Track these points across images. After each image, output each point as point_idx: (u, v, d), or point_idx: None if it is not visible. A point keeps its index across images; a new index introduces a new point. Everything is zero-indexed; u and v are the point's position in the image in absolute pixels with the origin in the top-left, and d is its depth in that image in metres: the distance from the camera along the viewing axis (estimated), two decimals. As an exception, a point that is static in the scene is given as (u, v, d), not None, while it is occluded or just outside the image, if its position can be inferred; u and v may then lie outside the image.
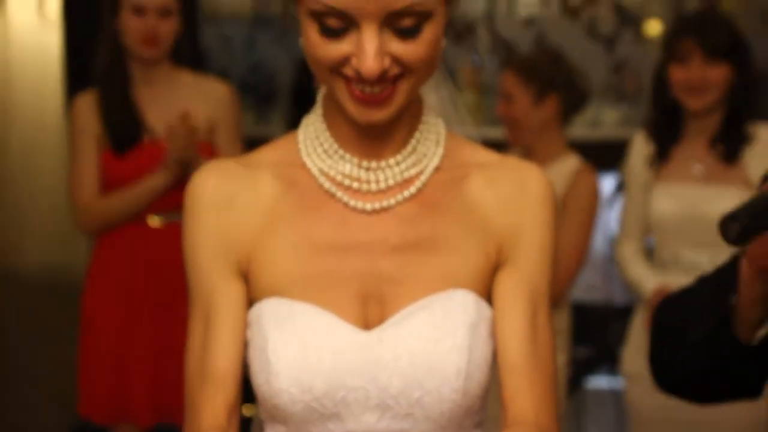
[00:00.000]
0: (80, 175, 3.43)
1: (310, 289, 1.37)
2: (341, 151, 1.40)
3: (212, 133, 3.45)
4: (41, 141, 5.22)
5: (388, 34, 1.30)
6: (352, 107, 1.33)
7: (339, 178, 1.40)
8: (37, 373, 5.12)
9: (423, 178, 1.41)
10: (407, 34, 1.30)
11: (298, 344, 1.34)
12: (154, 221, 3.39)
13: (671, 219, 3.26)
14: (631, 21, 6.32)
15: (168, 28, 3.37)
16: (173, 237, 3.29)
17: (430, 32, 1.31)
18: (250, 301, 1.41)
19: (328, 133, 1.41)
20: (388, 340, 1.35)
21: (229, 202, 1.41)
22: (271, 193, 1.41)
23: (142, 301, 3.40)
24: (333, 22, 1.29)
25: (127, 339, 3.39)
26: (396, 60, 1.31)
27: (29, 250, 5.23)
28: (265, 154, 1.45)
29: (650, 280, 3.28)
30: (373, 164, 1.40)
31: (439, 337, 1.34)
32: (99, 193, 3.40)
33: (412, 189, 1.40)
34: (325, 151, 1.41)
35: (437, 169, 1.42)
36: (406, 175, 1.40)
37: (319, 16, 1.30)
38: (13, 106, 5.21)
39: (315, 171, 1.40)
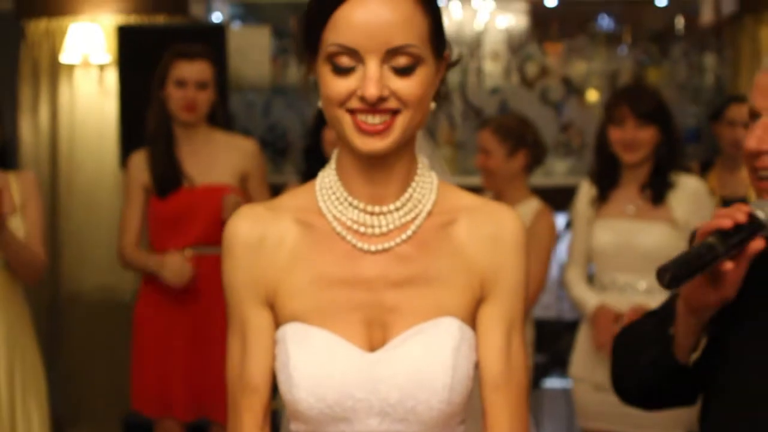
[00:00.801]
0: (126, 220, 3.46)
1: (324, 317, 1.37)
2: (350, 198, 1.39)
3: (243, 181, 3.46)
4: (100, 188, 5.20)
5: (388, 72, 1.30)
6: (356, 138, 1.33)
7: (348, 222, 1.39)
8: (96, 375, 5.11)
9: (418, 221, 1.40)
10: (403, 72, 1.30)
11: (314, 362, 1.35)
12: (189, 253, 3.37)
13: (608, 248, 3.26)
14: (575, 90, 6.35)
15: (204, 98, 3.38)
16: (204, 267, 3.33)
17: (421, 74, 1.32)
18: (277, 324, 1.41)
19: (339, 184, 1.40)
20: (387, 360, 1.35)
21: (258, 244, 1.40)
22: (292, 235, 1.40)
23: (180, 317, 3.39)
24: (343, 61, 1.30)
25: (168, 348, 3.39)
26: (394, 94, 1.31)
27: (89, 276, 5.21)
28: (288, 200, 1.45)
29: (591, 300, 3.27)
30: (377, 209, 1.38)
31: (429, 358, 1.35)
32: (134, 242, 3.43)
33: (409, 232, 1.39)
34: (337, 199, 1.40)
35: (430, 213, 1.40)
36: (404, 220, 1.39)
37: (332, 58, 1.31)
38: (77, 158, 5.22)
39: (329, 216, 1.40)
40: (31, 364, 3.25)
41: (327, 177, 1.43)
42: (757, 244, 1.48)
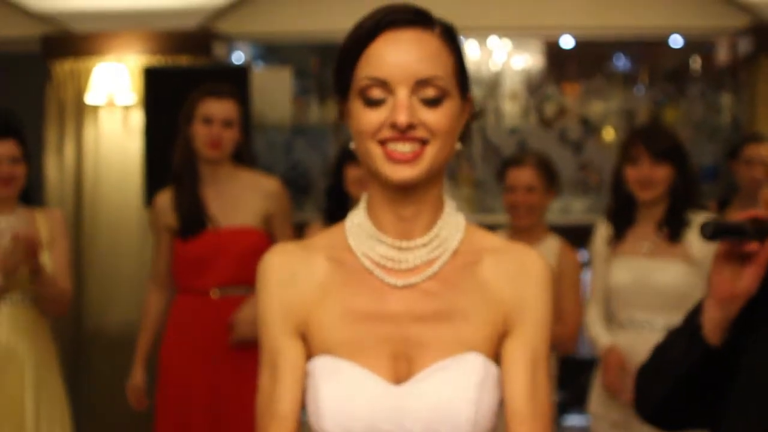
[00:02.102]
0: (154, 260, 3.54)
1: (352, 350, 1.39)
2: (379, 234, 1.43)
3: (267, 221, 3.46)
4: (124, 226, 5.26)
5: (417, 103, 1.36)
6: (387, 168, 1.37)
7: (377, 258, 1.42)
8: (119, 411, 5.10)
9: (444, 258, 1.43)
10: (432, 103, 1.36)
11: (341, 395, 1.38)
12: (215, 294, 3.39)
13: (625, 287, 3.26)
14: (593, 130, 6.38)
15: (230, 136, 3.39)
16: (229, 307, 3.36)
17: (448, 107, 1.37)
18: (308, 356, 1.43)
19: (369, 221, 1.44)
20: (413, 393, 1.37)
21: (291, 279, 1.43)
22: (323, 271, 1.44)
23: (205, 355, 3.38)
24: (374, 93, 1.36)
25: (191, 384, 3.38)
26: (423, 124, 1.36)
27: (114, 312, 5.26)
28: (320, 240, 1.48)
29: (603, 339, 3.29)
30: (404, 244, 1.42)
31: (453, 393, 1.36)
32: (161, 282, 3.49)
33: (435, 268, 1.42)
34: (367, 235, 1.43)
35: (456, 252, 1.43)
36: (431, 256, 1.42)
37: (364, 92, 1.37)
38: (102, 197, 5.28)
39: (358, 253, 1.43)
40: (57, 399, 3.30)
41: (357, 216, 1.47)
42: None
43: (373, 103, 1.37)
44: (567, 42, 5.95)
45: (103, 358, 5.21)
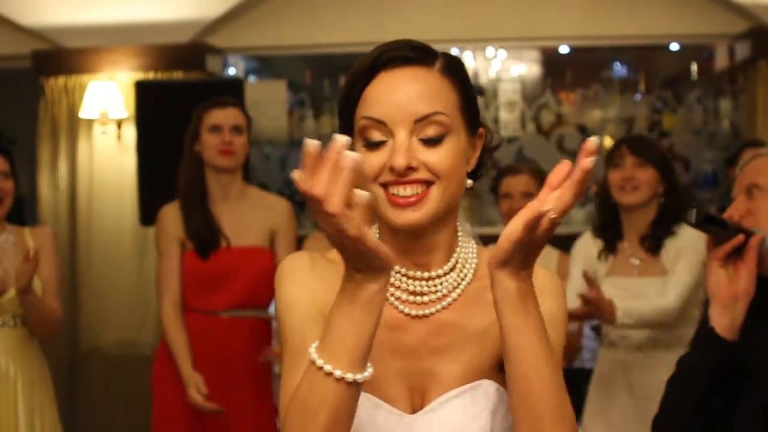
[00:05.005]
0: (164, 276, 3.36)
1: (371, 383, 1.29)
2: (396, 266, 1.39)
3: (273, 238, 3.41)
4: (119, 242, 5.24)
5: (417, 144, 1.31)
6: (390, 212, 1.33)
7: (392, 289, 1.39)
8: (114, 426, 5.10)
9: (459, 290, 1.40)
10: (432, 143, 1.31)
11: (356, 425, 1.32)
12: (225, 314, 3.34)
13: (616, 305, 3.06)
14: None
15: (241, 142, 3.32)
16: (237, 328, 3.32)
17: (451, 145, 1.32)
18: None
19: None
20: (426, 422, 1.35)
21: (315, 272, 1.38)
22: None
23: (212, 373, 3.30)
24: (374, 135, 1.32)
25: (187, 407, 3.30)
26: (424, 165, 1.31)
27: (108, 330, 5.23)
28: (338, 255, 1.42)
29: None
30: (418, 274, 1.39)
31: (467, 420, 1.34)
32: (176, 301, 3.32)
33: (450, 299, 1.39)
34: None
35: (471, 280, 1.41)
36: (447, 288, 1.40)
37: (363, 133, 1.33)
38: (96, 213, 5.26)
39: None
40: (50, 421, 3.26)
41: None
42: (756, 238, 1.82)
43: (373, 145, 1.33)
44: (563, 48, 5.95)
45: (98, 377, 5.18)
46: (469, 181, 1.39)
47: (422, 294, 1.39)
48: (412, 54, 1.35)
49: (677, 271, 3.10)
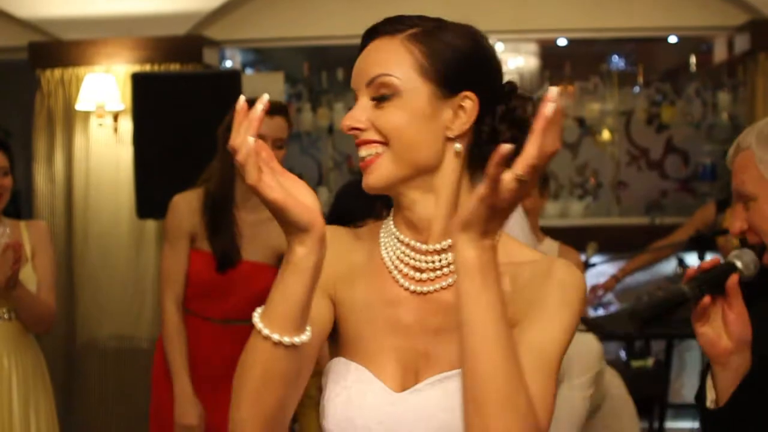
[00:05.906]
0: (169, 270, 3.27)
1: (366, 355, 1.39)
2: (397, 233, 1.42)
3: (281, 256, 3.27)
4: (115, 236, 5.22)
5: (370, 107, 1.36)
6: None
7: (394, 258, 1.42)
8: (112, 423, 5.11)
9: None
10: (378, 100, 1.35)
11: (344, 398, 1.37)
12: (219, 323, 3.29)
13: None
14: (589, 131, 6.39)
15: (279, 156, 3.11)
16: (231, 335, 3.30)
17: (401, 105, 1.34)
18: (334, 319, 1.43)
19: (391, 223, 1.44)
20: (410, 402, 1.36)
21: (331, 239, 1.30)
22: (358, 256, 1.45)
23: (200, 375, 3.29)
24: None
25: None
26: (373, 125, 1.35)
27: (105, 324, 5.23)
28: (365, 230, 1.50)
29: None
30: (417, 245, 1.40)
31: (452, 405, 1.31)
32: (179, 299, 3.25)
33: (450, 280, 1.38)
34: (389, 232, 1.43)
35: None
36: (444, 263, 1.39)
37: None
38: (93, 206, 5.25)
39: (383, 249, 1.43)
40: (45, 413, 3.26)
41: (388, 218, 1.47)
42: (733, 279, 1.63)
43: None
44: (561, 41, 5.94)
45: (95, 370, 5.18)
46: (457, 146, 1.37)
47: (422, 270, 1.40)
48: (382, 27, 1.40)
49: None
